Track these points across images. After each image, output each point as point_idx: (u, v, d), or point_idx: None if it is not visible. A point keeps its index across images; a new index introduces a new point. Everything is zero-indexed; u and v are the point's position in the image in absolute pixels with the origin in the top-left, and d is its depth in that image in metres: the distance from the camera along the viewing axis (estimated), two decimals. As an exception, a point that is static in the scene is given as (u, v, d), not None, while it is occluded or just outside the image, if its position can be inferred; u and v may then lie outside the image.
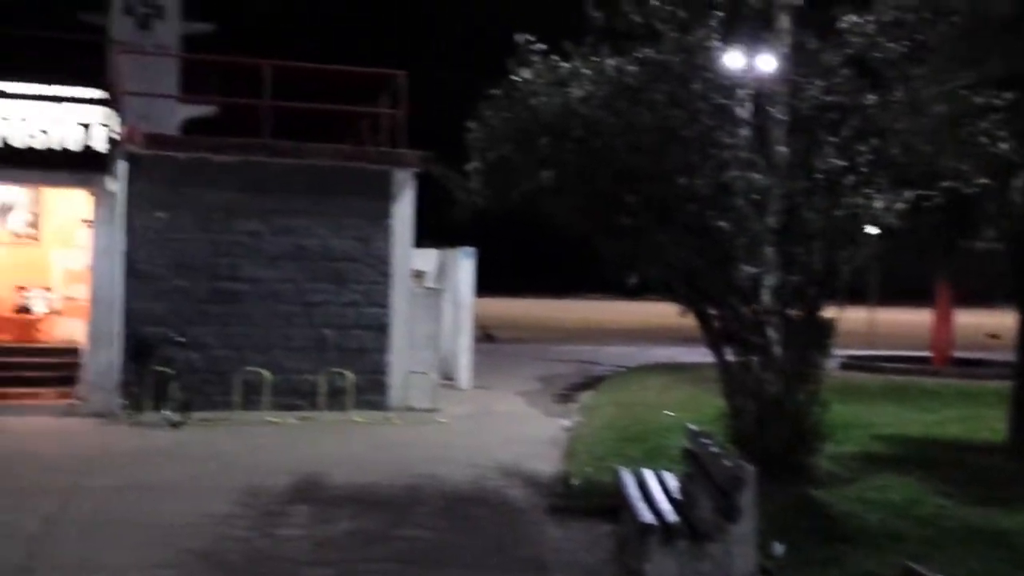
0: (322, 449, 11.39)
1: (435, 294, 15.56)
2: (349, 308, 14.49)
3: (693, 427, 7.58)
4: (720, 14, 8.80)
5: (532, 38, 9.25)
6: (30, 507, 8.15)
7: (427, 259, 17.53)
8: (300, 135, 14.96)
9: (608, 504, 7.94)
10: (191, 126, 23.26)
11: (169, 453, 10.87)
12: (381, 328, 14.54)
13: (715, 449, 6.64)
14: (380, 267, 14.58)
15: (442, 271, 18.12)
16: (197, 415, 12.70)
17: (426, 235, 16.20)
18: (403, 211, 14.59)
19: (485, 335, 26.28)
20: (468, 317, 17.56)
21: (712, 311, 9.56)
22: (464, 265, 17.46)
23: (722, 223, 8.78)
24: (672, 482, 7.30)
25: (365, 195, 14.49)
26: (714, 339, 9.58)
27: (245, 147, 14.05)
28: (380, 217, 14.54)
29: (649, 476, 7.42)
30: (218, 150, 13.95)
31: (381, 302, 14.56)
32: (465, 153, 9.83)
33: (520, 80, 9.21)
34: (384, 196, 14.54)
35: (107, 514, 8.13)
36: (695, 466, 6.91)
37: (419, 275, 15.97)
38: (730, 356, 9.51)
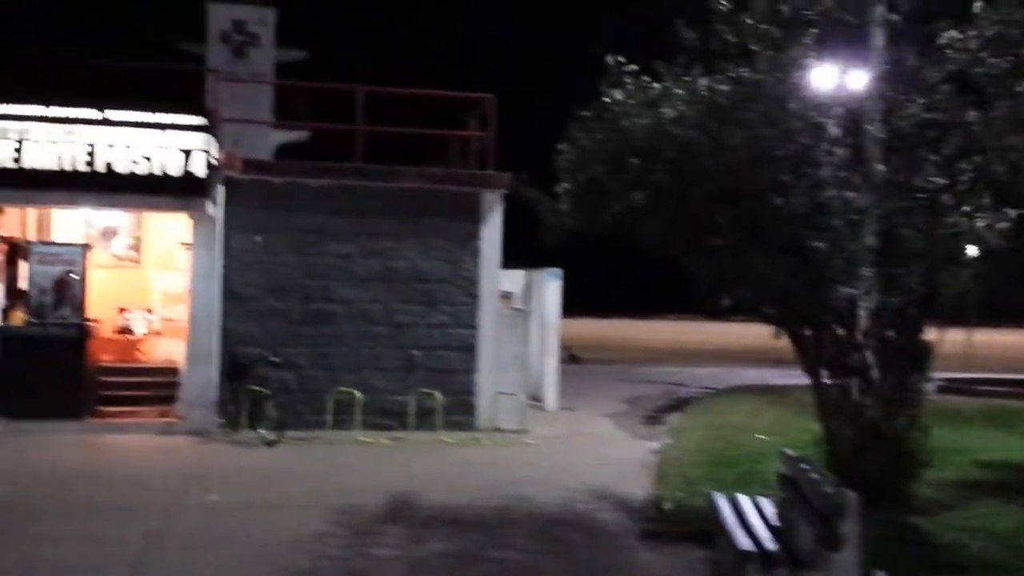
0: (413, 469, 11.48)
1: (522, 315, 15.59)
2: (437, 329, 14.61)
3: (789, 452, 7.43)
4: (814, 31, 8.69)
5: (623, 59, 9.25)
6: (133, 524, 8.38)
7: (514, 280, 17.58)
8: (390, 159, 15.19)
9: (702, 529, 7.84)
10: (284, 151, 23.86)
11: (265, 471, 11.08)
12: (469, 349, 14.63)
13: (814, 475, 6.50)
14: (468, 288, 14.68)
15: (529, 292, 18.14)
16: (290, 434, 12.92)
17: (513, 256, 16.26)
18: (491, 233, 14.68)
19: (570, 356, 26.21)
20: (554, 338, 17.56)
21: (807, 333, 9.39)
22: (551, 286, 17.47)
23: (818, 243, 8.63)
24: (769, 508, 7.16)
25: (454, 217, 14.63)
26: (809, 362, 9.40)
27: (338, 171, 14.32)
28: (468, 239, 14.65)
29: (744, 501, 7.29)
30: (312, 174, 14.25)
31: (469, 323, 14.66)
32: (555, 175, 9.87)
33: (611, 101, 9.21)
34: (473, 218, 14.66)
35: (208, 531, 8.31)
36: (793, 492, 6.77)
37: (507, 296, 16.03)
38: (826, 379, 9.32)
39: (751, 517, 6.85)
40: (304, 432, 13.38)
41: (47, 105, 12.56)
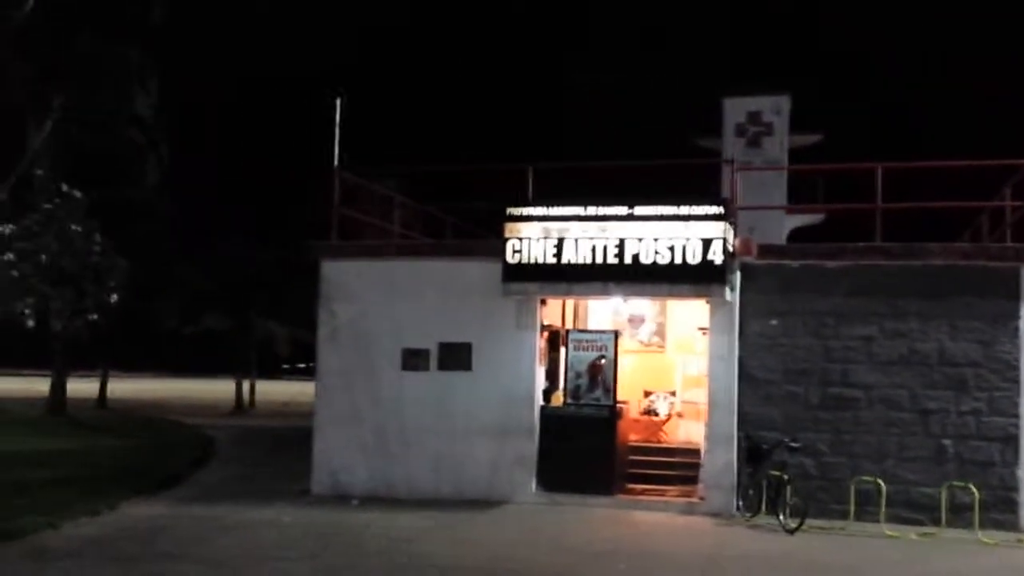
0: (950, 568, 10.62)
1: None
2: (970, 416, 13.46)
3: None
4: None
5: None
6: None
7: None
8: (913, 238, 14.44)
9: None
10: (798, 235, 23.84)
11: (789, 561, 10.91)
12: (1008, 440, 13.26)
13: None
14: (1005, 373, 13.37)
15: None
16: (810, 522, 12.60)
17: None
18: (1034, 312, 13.30)
19: None
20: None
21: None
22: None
23: None
24: None
25: (986, 295, 13.49)
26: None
27: (855, 251, 13.94)
28: (1006, 318, 13.40)
29: None
30: (828, 256, 14.03)
31: (1009, 411, 13.31)
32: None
33: None
34: (1010, 295, 13.40)
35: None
36: None
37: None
38: None
39: None
40: (824, 521, 12.98)
41: (584, 205, 13.86)
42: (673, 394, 16.50)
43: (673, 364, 16.68)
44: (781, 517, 12.74)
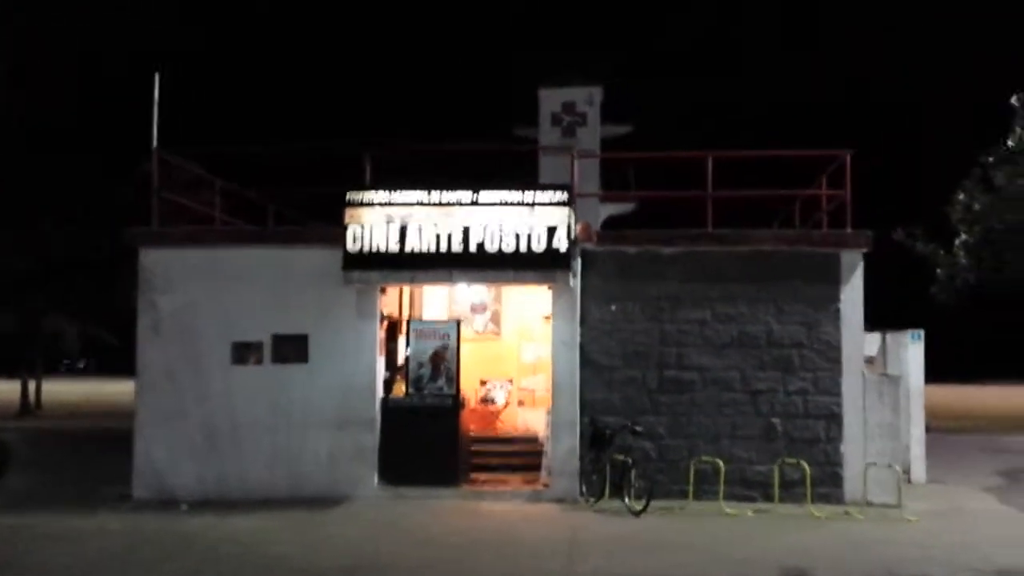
0: (790, 544, 11.00)
1: (890, 380, 14.66)
2: (797, 396, 14.09)
3: None
4: None
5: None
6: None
7: (870, 343, 16.66)
8: (728, 224, 14.88)
9: None
10: (611, 223, 24.31)
11: (642, 542, 11.03)
12: (833, 417, 13.97)
13: None
14: (829, 353, 14.08)
15: (884, 355, 17.14)
16: (653, 504, 12.81)
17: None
18: (853, 295, 14.04)
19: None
20: (919, 406, 16.40)
21: None
22: (913, 349, 16.39)
23: None
24: None
25: (809, 279, 14.14)
26: None
27: (690, 237, 14.28)
28: (827, 301, 14.10)
29: None
30: (665, 242, 14.29)
31: (832, 390, 14.02)
32: (941, 228, 9.26)
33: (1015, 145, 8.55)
34: (831, 280, 14.10)
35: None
36: None
37: (871, 361, 15.17)
38: None
39: None
40: (665, 502, 13.26)
41: (427, 190, 13.50)
42: (510, 382, 16.44)
43: (509, 352, 16.62)
44: (627, 500, 12.90)
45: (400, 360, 14.84)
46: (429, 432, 13.89)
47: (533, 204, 13.38)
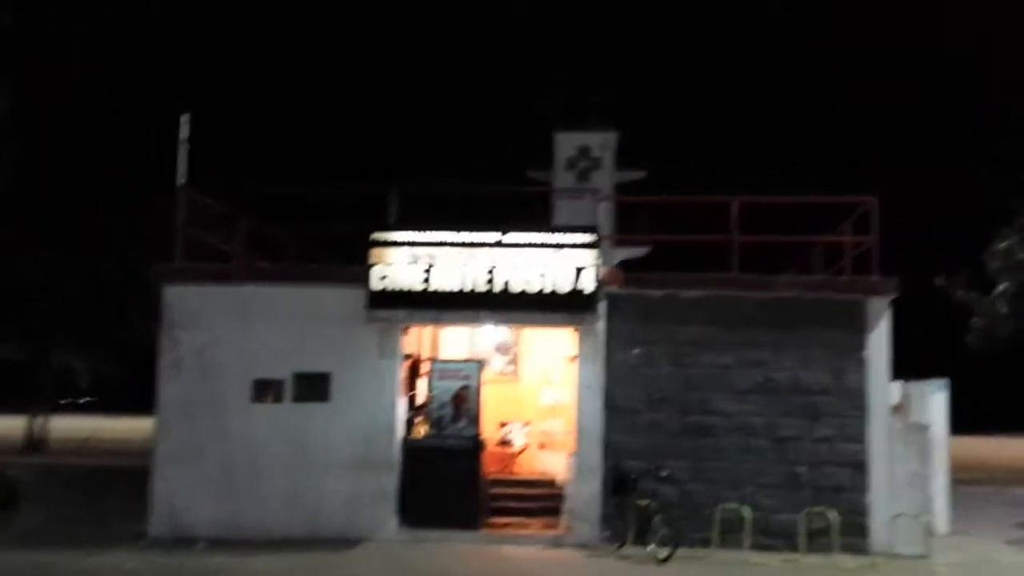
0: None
1: (917, 429, 14.47)
2: (822, 443, 13.93)
3: None
4: None
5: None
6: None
7: (892, 391, 16.48)
8: (749, 267, 14.81)
9: None
10: (625, 267, 24.26)
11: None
12: (858, 465, 13.80)
13: None
14: (854, 400, 13.93)
15: (907, 404, 16.95)
16: (677, 552, 12.60)
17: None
18: (878, 342, 13.93)
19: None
20: (943, 456, 16.20)
21: None
22: (936, 398, 16.22)
23: None
24: None
25: (836, 325, 14.04)
26: None
27: (715, 281, 14.21)
28: (853, 348, 13.98)
29: None
30: (687, 285, 14.21)
31: (857, 438, 13.86)
32: (981, 276, 9.18)
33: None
34: (857, 326, 13.99)
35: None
36: None
37: (898, 408, 15.00)
38: None
39: None
40: (688, 550, 13.01)
41: (452, 231, 13.47)
42: (528, 424, 16.29)
43: (527, 394, 16.49)
44: (651, 547, 12.69)
45: (420, 399, 14.71)
46: (450, 474, 13.73)
47: (560, 245, 13.34)
